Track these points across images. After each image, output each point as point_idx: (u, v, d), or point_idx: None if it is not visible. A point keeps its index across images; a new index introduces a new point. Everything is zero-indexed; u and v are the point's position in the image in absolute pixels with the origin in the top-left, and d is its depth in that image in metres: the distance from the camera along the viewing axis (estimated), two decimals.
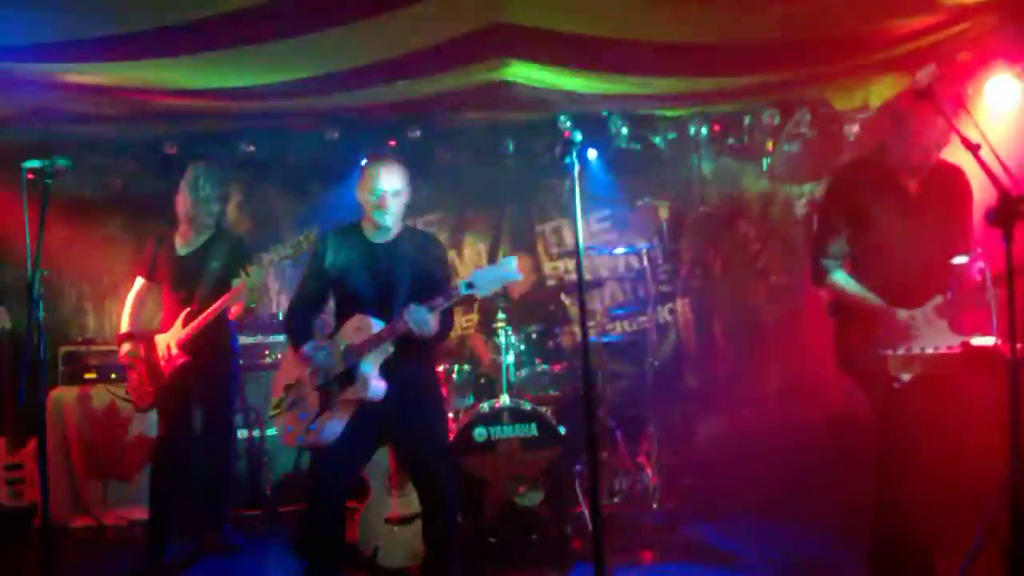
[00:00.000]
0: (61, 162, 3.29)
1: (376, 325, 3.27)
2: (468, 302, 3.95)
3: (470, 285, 3.11)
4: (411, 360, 3.38)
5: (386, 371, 3.31)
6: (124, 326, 4.44)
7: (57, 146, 5.36)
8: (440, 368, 4.95)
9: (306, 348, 3.39)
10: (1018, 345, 2.27)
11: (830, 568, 3.83)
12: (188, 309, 4.22)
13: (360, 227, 3.58)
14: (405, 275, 3.43)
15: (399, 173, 3.47)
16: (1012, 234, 2.25)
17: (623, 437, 5.21)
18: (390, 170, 3.46)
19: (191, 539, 4.50)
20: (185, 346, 4.20)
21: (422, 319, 3.15)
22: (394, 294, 3.37)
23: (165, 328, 4.31)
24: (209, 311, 4.15)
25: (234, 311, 4.23)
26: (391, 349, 3.29)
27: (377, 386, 3.26)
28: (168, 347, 4.23)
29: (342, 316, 3.47)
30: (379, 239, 3.52)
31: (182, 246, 4.41)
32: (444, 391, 4.93)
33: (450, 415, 4.88)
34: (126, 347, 4.35)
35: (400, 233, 3.55)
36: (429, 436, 3.45)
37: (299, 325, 3.54)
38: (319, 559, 3.38)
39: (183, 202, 4.38)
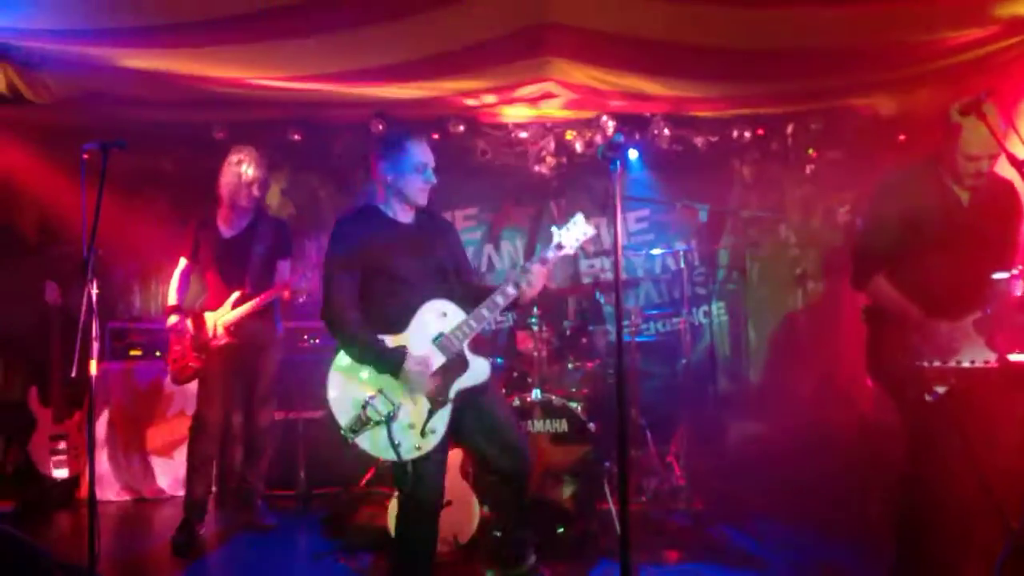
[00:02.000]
0: (117, 144, 3.38)
1: (454, 306, 3.17)
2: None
3: (560, 246, 3.19)
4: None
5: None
6: (171, 300, 4.58)
7: (113, 128, 5.56)
8: None
9: (407, 364, 3.05)
10: None
11: (857, 575, 3.83)
12: (239, 292, 4.34)
13: (379, 210, 3.33)
14: (444, 253, 3.32)
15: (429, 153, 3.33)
16: None
17: (653, 437, 5.23)
18: (425, 144, 3.33)
19: (226, 516, 4.61)
20: (231, 329, 4.33)
21: (536, 274, 3.12)
22: (442, 273, 3.25)
23: (212, 306, 4.44)
24: (261, 298, 4.28)
25: (287, 294, 4.37)
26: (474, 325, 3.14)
27: (484, 370, 3.18)
28: (215, 326, 4.36)
29: (383, 312, 3.18)
30: (405, 219, 3.32)
31: (226, 229, 4.53)
32: None
33: None
34: (173, 319, 4.49)
35: (416, 213, 3.35)
36: (503, 402, 3.41)
37: (357, 330, 3.14)
38: (414, 557, 3.25)
39: (225, 184, 4.47)
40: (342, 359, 3.21)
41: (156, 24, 4.14)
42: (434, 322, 3.14)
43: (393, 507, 4.10)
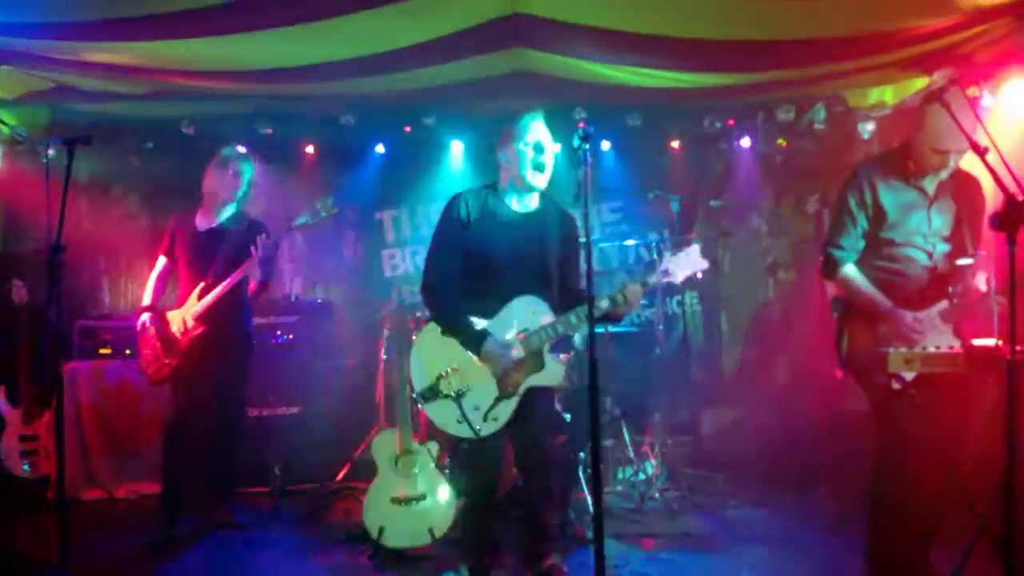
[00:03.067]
0: (82, 139, 3.33)
1: (545, 306, 3.14)
2: None
3: (666, 272, 3.11)
4: None
5: None
6: (146, 300, 4.55)
7: (78, 124, 5.48)
8: None
9: (487, 345, 3.09)
10: (1018, 347, 2.30)
11: (828, 562, 3.87)
12: (203, 283, 4.31)
13: (499, 192, 3.28)
14: (554, 249, 3.21)
15: (543, 129, 3.22)
16: (1016, 238, 2.27)
17: (627, 427, 5.26)
18: (543, 124, 3.21)
19: (199, 514, 4.57)
20: (201, 318, 4.30)
21: (632, 294, 3.03)
22: (544, 269, 3.16)
23: (180, 303, 4.40)
24: (224, 284, 4.25)
25: (252, 287, 4.33)
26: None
27: (559, 372, 3.18)
28: (184, 321, 4.33)
29: (476, 296, 3.19)
30: (523, 208, 3.24)
31: (202, 223, 4.51)
32: None
33: None
34: (145, 316, 4.45)
35: (542, 204, 3.26)
36: (551, 411, 3.37)
37: (450, 304, 3.19)
38: (478, 553, 3.30)
39: (211, 182, 4.48)
40: (430, 329, 3.26)
41: (121, 17, 4.08)
42: (522, 317, 3.13)
43: (368, 500, 4.11)
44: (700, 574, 3.81)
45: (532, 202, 3.23)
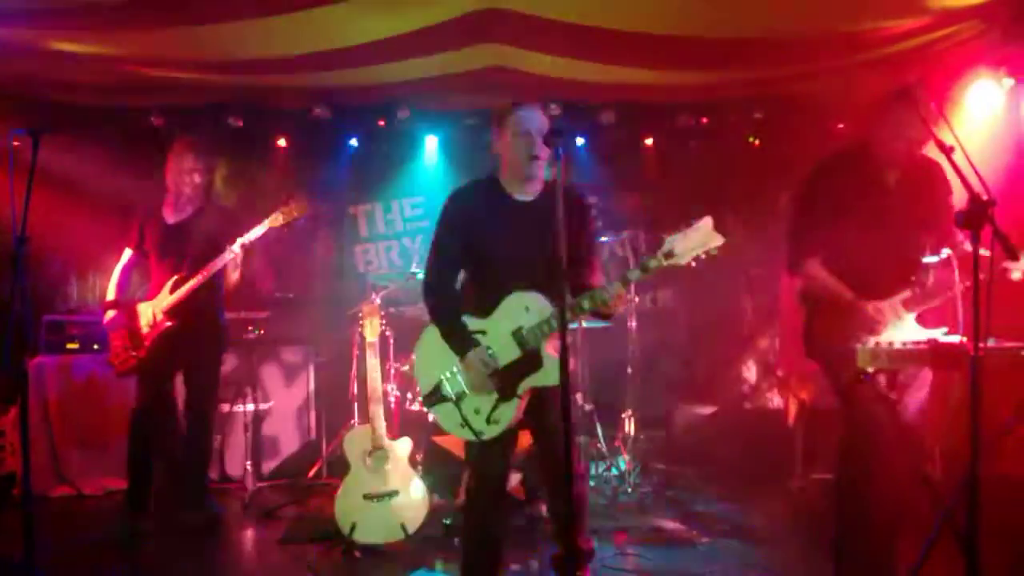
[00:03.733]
0: (48, 130, 3.27)
1: (542, 301, 2.96)
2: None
3: (670, 254, 2.85)
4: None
5: None
6: (110, 295, 4.48)
7: (44, 114, 5.39)
8: None
9: (471, 355, 3.00)
10: (982, 344, 2.34)
11: (798, 555, 3.92)
12: (176, 276, 4.27)
13: (499, 183, 3.15)
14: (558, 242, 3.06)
15: (547, 116, 3.09)
16: (979, 236, 2.31)
17: (600, 422, 5.28)
18: (539, 113, 3.07)
19: (170, 510, 4.53)
20: (171, 312, 4.25)
21: (616, 295, 2.86)
22: (545, 265, 2.91)
23: (151, 296, 4.35)
24: (197, 278, 4.20)
25: (230, 280, 4.29)
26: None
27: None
28: (154, 314, 4.28)
29: (481, 291, 3.12)
30: (524, 197, 3.10)
31: (171, 215, 4.45)
32: None
33: None
34: (110, 314, 4.39)
35: (546, 189, 3.11)
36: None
37: (446, 306, 3.11)
38: (478, 553, 3.21)
39: (170, 174, 4.41)
40: (431, 331, 3.17)
41: (90, 4, 4.01)
42: (516, 315, 3.00)
43: (340, 496, 4.09)
44: (672, 568, 3.83)
45: (533, 191, 3.10)
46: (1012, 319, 2.67)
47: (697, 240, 2.85)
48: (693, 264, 2.90)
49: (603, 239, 5.67)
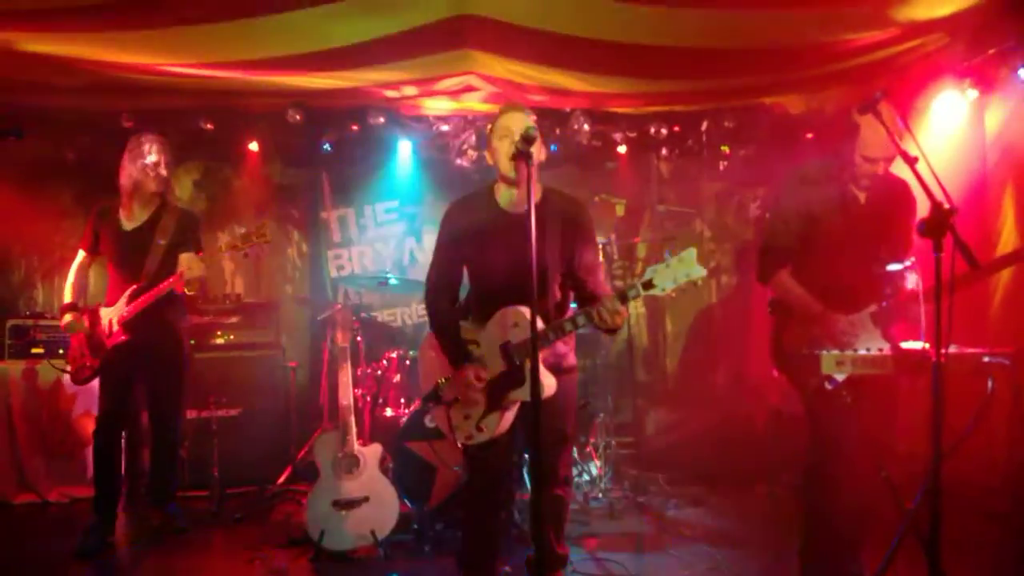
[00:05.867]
0: (12, 132, 3.22)
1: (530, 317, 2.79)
2: None
3: (648, 284, 2.84)
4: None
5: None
6: (67, 297, 4.41)
7: (11, 116, 5.31)
8: (394, 355, 4.99)
9: (462, 367, 3.07)
10: (944, 350, 2.39)
11: (765, 560, 3.96)
12: (134, 286, 4.19)
13: (492, 193, 3.15)
14: (553, 249, 3.03)
15: (531, 120, 3.08)
16: (942, 245, 2.36)
17: None
18: (522, 115, 3.08)
19: (137, 518, 4.47)
20: (126, 324, 4.17)
21: (610, 312, 2.84)
22: (542, 272, 2.95)
23: (110, 303, 4.28)
24: (153, 291, 4.13)
25: (179, 287, 4.20)
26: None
27: (550, 386, 2.99)
28: (110, 323, 4.21)
29: (478, 301, 3.18)
30: (513, 207, 3.10)
31: (127, 220, 4.32)
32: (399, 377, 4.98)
33: (401, 401, 4.95)
34: (68, 318, 4.31)
35: (540, 199, 3.05)
36: (558, 431, 3.17)
37: (441, 318, 3.19)
38: (476, 564, 3.27)
39: (127, 174, 4.28)
40: (432, 337, 3.30)
41: (58, 6, 3.97)
42: (504, 330, 3.05)
43: (310, 503, 4.06)
44: (642, 574, 3.85)
45: (519, 198, 3.07)
46: (973, 326, 2.73)
47: (679, 271, 2.84)
48: (673, 295, 2.92)
49: None
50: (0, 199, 3.12)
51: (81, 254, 4.46)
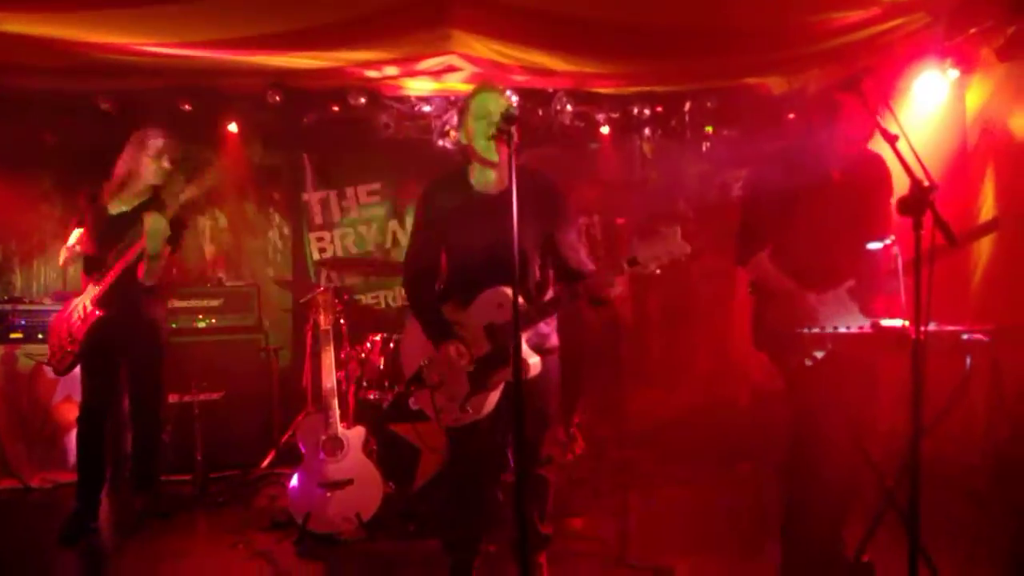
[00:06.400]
0: None
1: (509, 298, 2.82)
2: None
3: (633, 261, 2.85)
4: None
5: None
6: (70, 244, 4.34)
7: None
8: (377, 338, 4.97)
9: (445, 347, 3.04)
10: (924, 327, 2.40)
11: (749, 538, 3.99)
12: (103, 269, 4.16)
13: (466, 175, 3.14)
14: (533, 230, 3.00)
15: (510, 99, 3.04)
16: (921, 222, 2.36)
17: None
18: (499, 95, 3.07)
19: (121, 503, 4.45)
20: (99, 300, 4.15)
21: (598, 288, 2.88)
22: (522, 252, 2.93)
23: (84, 288, 4.25)
24: (121, 260, 4.10)
25: (139, 271, 4.13)
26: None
27: (534, 365, 3.00)
28: (84, 306, 4.17)
29: (458, 283, 3.16)
30: (488, 188, 3.09)
31: (114, 205, 4.28)
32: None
33: (385, 383, 4.93)
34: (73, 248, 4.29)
35: (515, 181, 2.89)
36: (540, 413, 3.17)
37: (421, 300, 3.20)
38: (462, 544, 3.27)
39: (124, 163, 4.25)
40: (414, 320, 3.27)
41: None
42: (488, 311, 3.03)
43: (294, 486, 4.05)
44: (625, 553, 3.87)
45: (500, 181, 3.04)
46: (953, 304, 2.74)
47: (663, 248, 2.85)
48: (658, 272, 2.90)
49: None
50: None
51: (76, 232, 4.37)
